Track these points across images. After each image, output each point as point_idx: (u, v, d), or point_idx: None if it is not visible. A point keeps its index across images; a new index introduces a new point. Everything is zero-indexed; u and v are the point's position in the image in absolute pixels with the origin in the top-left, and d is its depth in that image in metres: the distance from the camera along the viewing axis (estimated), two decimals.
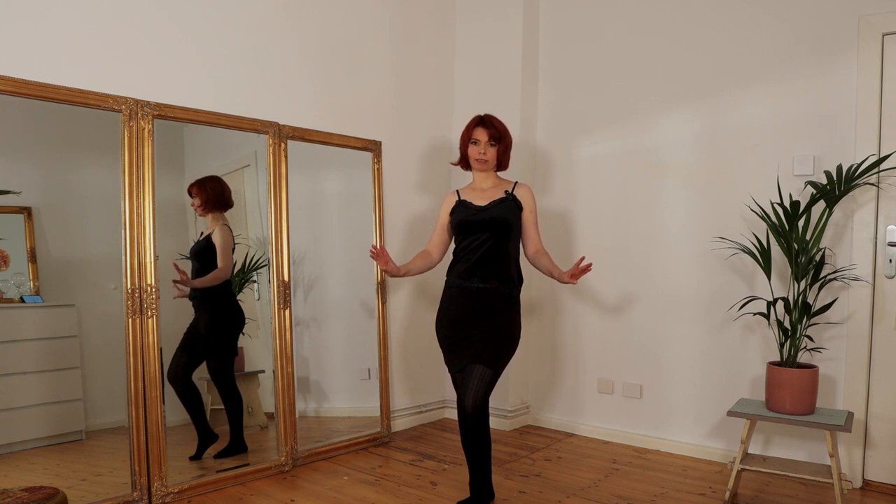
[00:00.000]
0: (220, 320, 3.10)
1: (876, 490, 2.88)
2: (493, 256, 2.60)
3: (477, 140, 2.67)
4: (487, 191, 2.71)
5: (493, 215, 2.62)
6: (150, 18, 2.75)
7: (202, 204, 3.03)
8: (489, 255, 2.60)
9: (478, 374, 2.48)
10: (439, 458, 3.29)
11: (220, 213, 3.09)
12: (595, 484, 2.94)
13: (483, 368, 2.49)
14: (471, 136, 2.69)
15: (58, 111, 2.47)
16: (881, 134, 2.85)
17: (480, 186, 2.74)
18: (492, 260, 2.60)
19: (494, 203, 2.65)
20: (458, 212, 2.70)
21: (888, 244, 2.85)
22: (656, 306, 3.48)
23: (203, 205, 3.04)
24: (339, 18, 3.47)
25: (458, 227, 2.68)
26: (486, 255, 2.60)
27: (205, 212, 3.05)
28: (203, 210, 3.04)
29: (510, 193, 2.68)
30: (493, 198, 2.67)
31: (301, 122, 3.24)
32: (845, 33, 2.93)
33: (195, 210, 3.04)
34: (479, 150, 2.67)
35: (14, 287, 2.57)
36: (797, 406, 2.62)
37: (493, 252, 2.60)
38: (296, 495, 2.76)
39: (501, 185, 2.74)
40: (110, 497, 2.51)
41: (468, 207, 2.68)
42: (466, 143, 2.71)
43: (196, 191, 3.01)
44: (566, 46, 3.84)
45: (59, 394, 2.66)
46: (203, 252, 3.02)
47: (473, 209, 2.67)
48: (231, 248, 3.07)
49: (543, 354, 3.89)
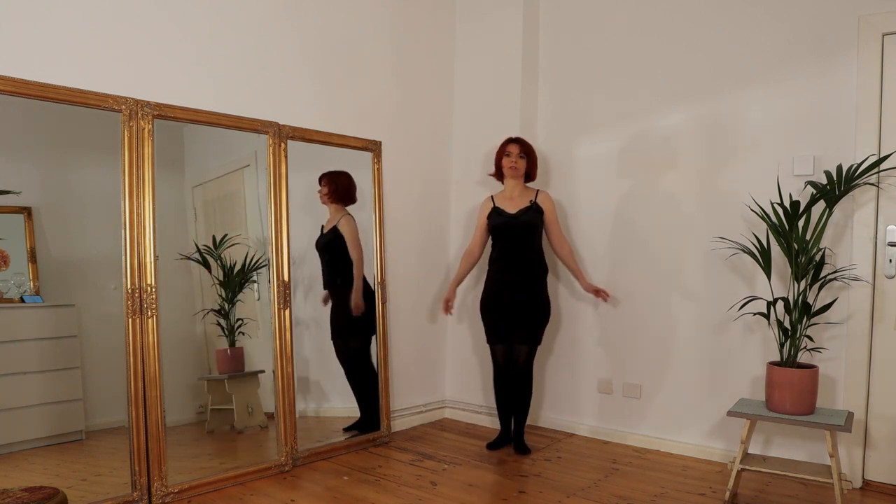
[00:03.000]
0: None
1: (876, 490, 2.88)
2: (524, 254, 3.29)
3: (510, 153, 3.33)
4: (516, 199, 3.34)
5: (523, 221, 3.29)
6: (151, 18, 2.75)
7: (329, 193, 3.29)
8: (521, 253, 3.29)
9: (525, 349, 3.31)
10: (439, 458, 3.29)
11: (343, 205, 3.37)
12: (595, 484, 2.94)
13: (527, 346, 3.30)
14: (504, 151, 3.35)
15: (58, 111, 2.46)
16: (881, 134, 2.85)
17: (511, 195, 3.37)
18: (523, 257, 3.29)
19: (522, 210, 3.30)
20: (494, 217, 3.36)
21: (888, 244, 2.85)
22: (656, 306, 3.48)
23: (330, 194, 3.31)
24: (339, 18, 3.47)
25: (495, 230, 3.36)
26: (519, 253, 3.29)
27: (330, 201, 3.32)
28: (329, 199, 3.32)
29: (534, 202, 3.32)
30: (521, 206, 3.31)
31: (301, 122, 3.24)
32: (845, 33, 2.93)
33: (320, 197, 3.28)
34: (511, 160, 3.32)
35: (14, 287, 2.57)
36: (797, 406, 2.62)
37: (523, 250, 3.29)
38: (296, 495, 2.76)
39: (527, 194, 3.36)
40: (110, 497, 2.51)
41: (502, 214, 3.34)
42: (501, 157, 3.36)
43: (326, 181, 3.28)
44: (566, 46, 3.84)
45: (59, 394, 2.66)
46: (331, 244, 3.34)
47: (507, 216, 3.32)
48: (358, 237, 3.35)
49: (543, 354, 3.89)
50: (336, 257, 3.35)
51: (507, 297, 3.28)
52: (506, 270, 3.30)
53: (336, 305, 3.41)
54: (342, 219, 3.34)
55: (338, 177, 3.32)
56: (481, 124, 3.94)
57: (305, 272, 3.36)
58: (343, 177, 3.35)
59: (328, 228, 3.34)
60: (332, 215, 3.35)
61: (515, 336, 3.30)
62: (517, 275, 3.27)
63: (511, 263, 3.29)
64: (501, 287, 3.31)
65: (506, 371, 3.38)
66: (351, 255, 3.37)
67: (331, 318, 3.40)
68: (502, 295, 3.30)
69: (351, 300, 3.41)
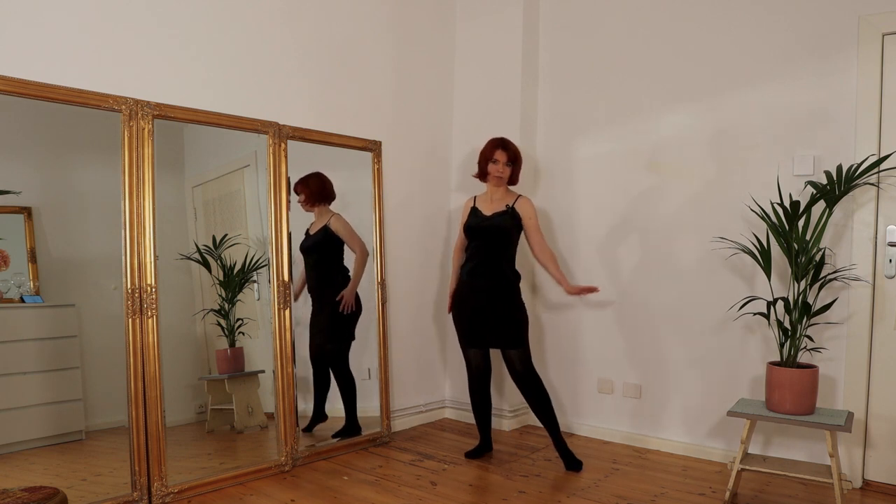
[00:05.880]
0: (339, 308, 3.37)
1: (876, 490, 2.88)
2: (493, 257, 3.18)
3: (497, 160, 3.20)
4: (495, 202, 3.24)
5: (495, 224, 3.18)
6: (151, 18, 2.75)
7: (305, 199, 3.25)
8: (490, 256, 3.18)
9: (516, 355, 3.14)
10: (439, 458, 3.29)
11: (325, 205, 3.33)
12: (595, 484, 2.94)
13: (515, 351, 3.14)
14: (492, 157, 3.21)
15: (58, 111, 2.46)
16: (881, 134, 2.85)
17: (491, 197, 3.27)
18: (492, 260, 3.18)
19: (497, 214, 3.20)
20: (471, 218, 3.27)
21: (888, 244, 2.85)
22: (656, 306, 3.48)
23: (306, 200, 3.26)
24: (339, 18, 3.47)
25: (468, 230, 3.26)
26: (488, 256, 3.18)
27: (310, 206, 3.28)
28: (308, 205, 3.27)
29: (510, 207, 3.20)
30: (497, 209, 3.21)
31: (301, 122, 3.24)
32: (845, 33, 2.93)
33: (301, 206, 3.25)
34: (498, 168, 3.20)
35: (14, 287, 2.57)
36: (797, 406, 2.62)
37: (492, 254, 3.18)
38: (296, 495, 2.76)
39: (506, 197, 3.25)
40: (110, 497, 2.51)
41: (477, 215, 3.25)
42: (487, 162, 3.22)
43: (300, 188, 3.22)
44: (566, 46, 3.84)
45: (59, 394, 2.66)
46: (321, 244, 3.31)
47: (481, 217, 3.23)
48: (354, 230, 3.34)
49: (543, 354, 3.89)
50: (326, 257, 3.33)
51: (473, 300, 3.18)
52: (474, 273, 3.19)
53: (323, 307, 3.36)
54: (332, 218, 3.31)
55: (308, 180, 3.24)
56: (481, 124, 3.93)
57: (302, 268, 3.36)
58: (312, 178, 3.27)
59: (315, 230, 3.31)
60: (318, 217, 3.32)
61: (497, 343, 3.17)
62: (484, 279, 3.16)
63: (480, 266, 3.18)
64: (468, 291, 3.21)
65: (481, 377, 3.31)
66: (353, 250, 3.36)
67: (313, 320, 3.34)
68: (469, 299, 3.20)
69: (343, 306, 3.36)
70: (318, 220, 3.32)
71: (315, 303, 3.36)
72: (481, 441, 3.37)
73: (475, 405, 3.35)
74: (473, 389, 3.34)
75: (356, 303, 3.43)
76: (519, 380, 3.16)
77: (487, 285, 3.16)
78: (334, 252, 3.37)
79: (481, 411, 3.36)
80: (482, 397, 3.34)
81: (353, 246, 3.37)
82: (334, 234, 3.32)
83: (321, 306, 3.36)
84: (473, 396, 3.35)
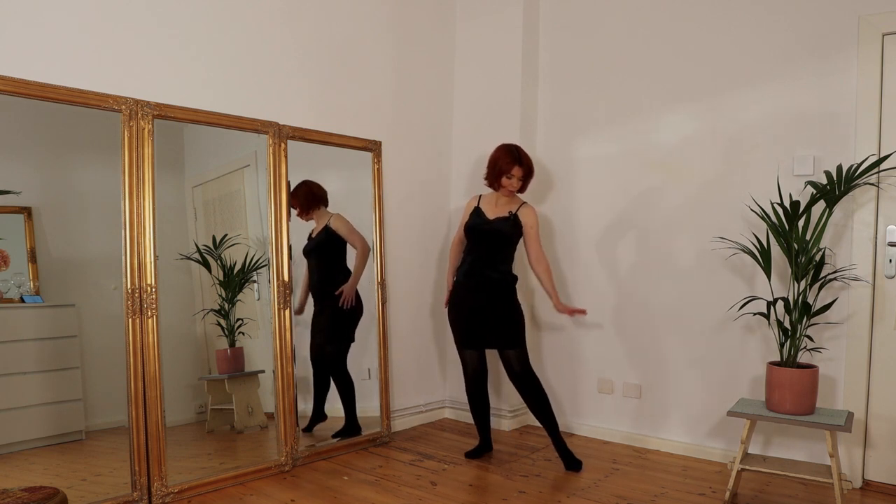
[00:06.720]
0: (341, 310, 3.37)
1: (876, 490, 2.88)
2: (490, 260, 3.19)
3: (512, 175, 3.17)
4: (500, 206, 3.25)
5: (494, 228, 3.19)
6: (151, 18, 2.75)
7: (300, 209, 3.26)
8: (487, 258, 3.19)
9: (514, 355, 3.15)
10: (439, 458, 3.29)
11: (321, 208, 3.34)
12: (595, 484, 2.94)
13: (513, 351, 3.15)
14: (509, 171, 3.16)
15: (58, 111, 2.46)
16: (881, 134, 2.85)
17: (496, 201, 3.28)
18: (488, 262, 3.19)
19: (499, 219, 3.21)
20: (472, 217, 3.27)
21: (888, 244, 2.85)
22: (656, 306, 3.48)
23: (301, 209, 3.26)
24: (339, 18, 3.47)
25: (468, 230, 3.27)
26: (485, 258, 3.19)
27: (307, 214, 3.29)
28: (304, 214, 3.28)
29: (513, 214, 3.22)
30: (500, 214, 3.22)
31: (301, 122, 3.24)
32: (845, 33, 2.93)
33: (300, 218, 3.27)
34: (513, 183, 3.18)
35: (14, 287, 2.57)
36: (797, 406, 2.62)
37: (489, 256, 3.19)
38: (296, 495, 2.76)
39: (511, 203, 3.26)
40: (110, 497, 2.51)
41: (479, 216, 3.25)
42: (502, 174, 3.18)
43: (293, 202, 3.21)
44: (566, 46, 3.84)
45: (59, 394, 2.66)
46: (324, 244, 3.32)
47: (482, 219, 3.23)
48: (354, 227, 3.37)
49: (543, 354, 3.89)
50: (328, 258, 3.35)
51: (470, 301, 3.19)
52: (470, 273, 3.20)
53: (324, 307, 3.36)
54: (332, 218, 3.32)
55: (296, 192, 3.21)
56: (481, 124, 3.94)
57: (305, 272, 3.36)
58: (299, 188, 3.24)
59: (317, 232, 3.33)
60: (319, 221, 3.33)
61: (494, 343, 3.18)
62: (481, 280, 3.17)
63: (476, 267, 3.19)
64: (464, 292, 3.22)
65: (478, 378, 3.31)
66: (353, 246, 3.37)
67: (315, 320, 3.35)
68: (466, 300, 3.21)
69: (343, 300, 3.37)
70: (318, 223, 3.34)
71: (317, 303, 3.36)
72: (481, 441, 3.37)
73: (473, 407, 3.36)
74: (471, 391, 3.33)
75: (357, 303, 3.43)
76: (517, 380, 3.16)
77: (484, 286, 3.17)
78: (336, 252, 3.38)
79: (480, 412, 3.36)
80: (480, 399, 3.34)
81: (354, 241, 3.37)
82: (336, 234, 3.33)
83: (323, 307, 3.36)
84: (471, 398, 3.35)
